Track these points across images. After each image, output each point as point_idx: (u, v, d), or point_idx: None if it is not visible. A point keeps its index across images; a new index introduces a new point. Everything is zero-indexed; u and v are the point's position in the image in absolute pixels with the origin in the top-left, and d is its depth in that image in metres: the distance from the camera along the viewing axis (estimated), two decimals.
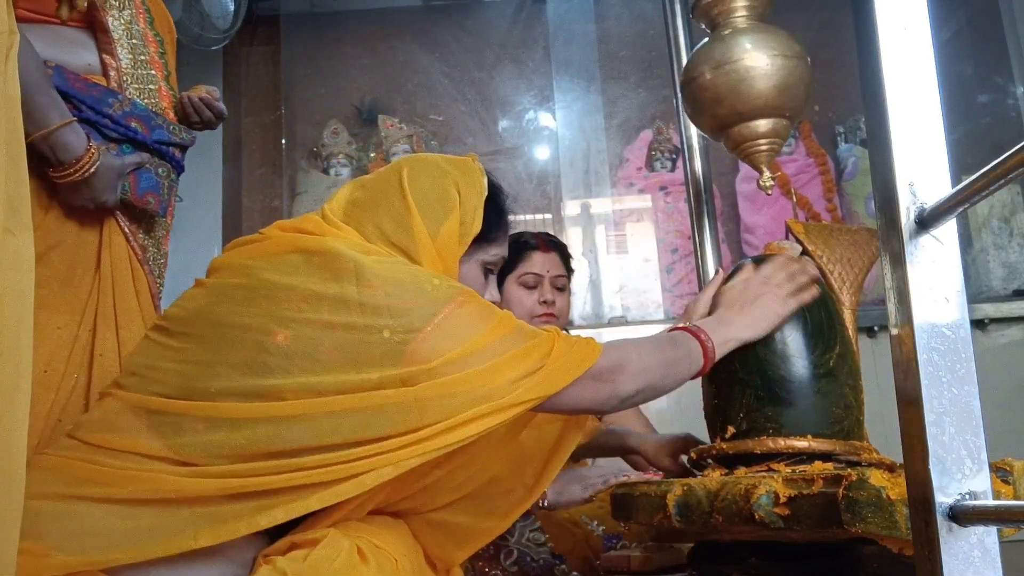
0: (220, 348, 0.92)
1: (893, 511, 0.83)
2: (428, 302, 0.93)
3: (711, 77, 1.45)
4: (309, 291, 0.92)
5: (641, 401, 1.07)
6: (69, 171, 1.31)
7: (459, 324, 0.93)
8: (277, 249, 0.99)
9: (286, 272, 0.95)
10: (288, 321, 0.91)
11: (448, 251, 1.06)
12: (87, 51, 1.45)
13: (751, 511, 0.95)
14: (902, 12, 0.65)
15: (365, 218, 1.04)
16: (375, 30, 3.77)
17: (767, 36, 1.43)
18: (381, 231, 1.03)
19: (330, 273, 0.93)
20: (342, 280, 0.92)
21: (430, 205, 1.05)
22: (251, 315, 0.92)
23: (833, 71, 3.23)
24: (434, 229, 1.04)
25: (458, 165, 1.11)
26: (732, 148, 1.51)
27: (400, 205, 1.04)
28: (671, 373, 1.05)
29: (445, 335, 0.91)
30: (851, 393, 1.16)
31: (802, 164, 3.44)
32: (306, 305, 0.91)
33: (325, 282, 0.92)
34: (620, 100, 3.66)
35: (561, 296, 1.99)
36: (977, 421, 0.60)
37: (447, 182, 1.07)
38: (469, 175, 1.10)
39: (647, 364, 1.03)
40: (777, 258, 1.23)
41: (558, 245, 2.05)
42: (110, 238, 1.42)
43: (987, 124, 3.56)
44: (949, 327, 0.61)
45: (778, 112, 1.44)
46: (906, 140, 0.64)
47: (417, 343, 0.90)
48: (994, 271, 3.29)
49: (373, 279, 0.92)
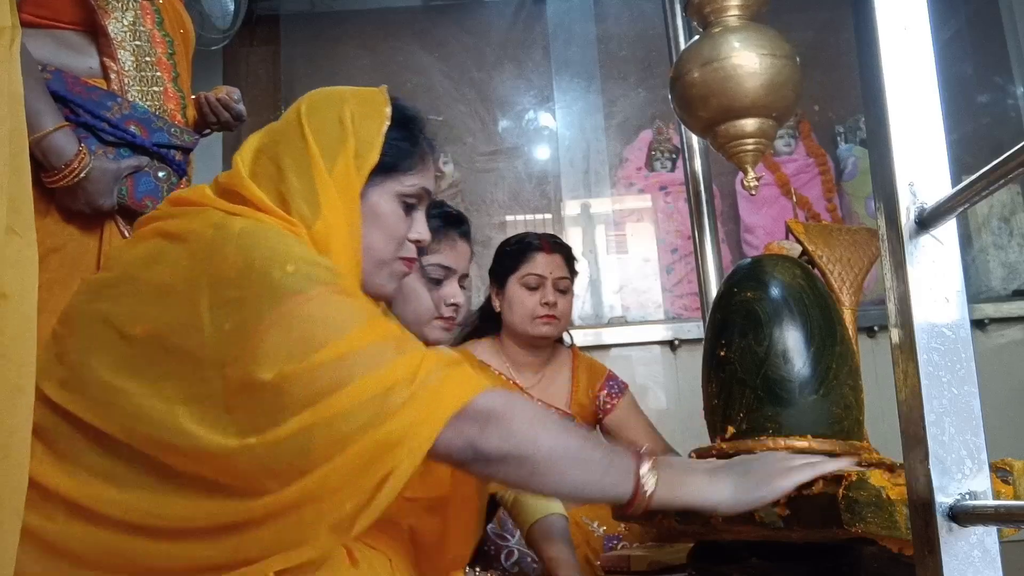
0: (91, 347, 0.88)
1: (893, 511, 0.83)
2: (269, 291, 0.83)
3: (699, 74, 1.45)
4: (164, 283, 0.87)
5: (505, 477, 0.87)
6: (59, 176, 1.32)
7: (305, 322, 0.82)
8: (143, 233, 0.95)
9: (145, 264, 0.90)
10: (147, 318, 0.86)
11: (346, 185, 0.98)
12: (88, 55, 1.45)
13: (751, 511, 0.95)
14: (902, 12, 0.65)
15: (271, 164, 0.98)
16: (375, 30, 3.76)
17: (756, 35, 1.44)
18: (285, 180, 0.96)
19: (185, 260, 0.87)
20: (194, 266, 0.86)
21: (327, 138, 0.99)
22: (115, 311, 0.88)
23: (833, 71, 3.23)
24: (330, 164, 0.97)
25: (358, 94, 1.05)
26: (718, 147, 1.51)
27: (299, 143, 0.98)
28: (568, 469, 0.86)
29: (285, 335, 0.81)
30: (851, 393, 1.16)
31: (802, 164, 3.43)
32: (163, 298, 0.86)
33: (176, 271, 0.87)
34: (620, 100, 3.66)
35: (563, 298, 1.98)
36: (977, 421, 0.60)
37: (343, 112, 1.01)
38: (367, 104, 1.03)
39: (536, 434, 0.85)
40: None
41: (562, 247, 2.05)
42: (110, 242, 1.42)
43: (987, 124, 3.56)
44: (949, 327, 0.61)
45: (765, 112, 1.44)
46: (906, 140, 0.64)
47: (254, 340, 0.81)
48: (994, 271, 3.29)
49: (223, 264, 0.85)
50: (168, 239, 0.91)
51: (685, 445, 1.43)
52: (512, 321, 1.97)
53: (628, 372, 3.03)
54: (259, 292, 0.83)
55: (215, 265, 0.86)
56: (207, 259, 0.87)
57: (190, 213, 0.94)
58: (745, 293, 1.20)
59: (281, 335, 0.81)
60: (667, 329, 3.10)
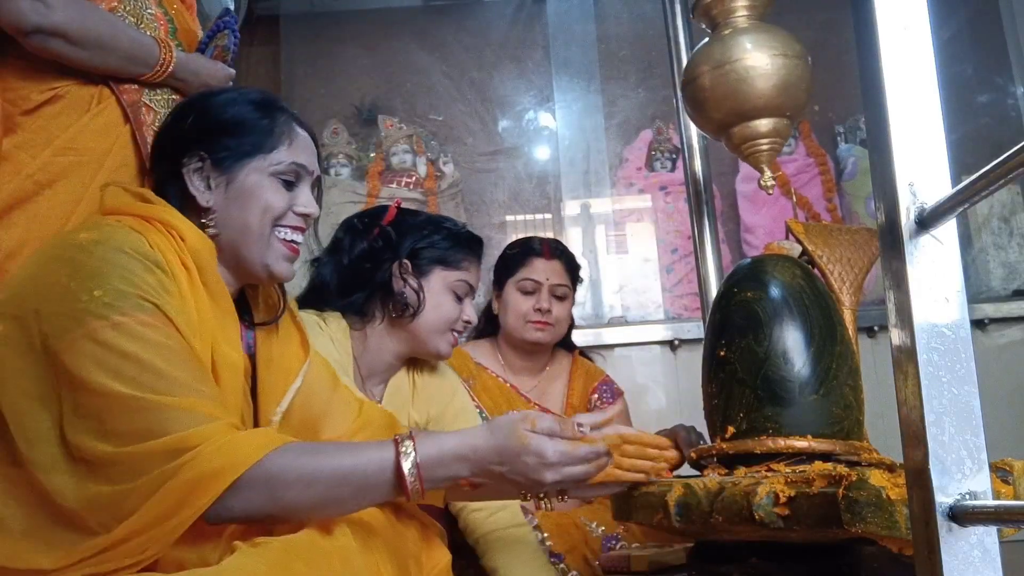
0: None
1: (893, 511, 0.83)
2: (78, 308, 0.88)
3: (711, 77, 1.45)
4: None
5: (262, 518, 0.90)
6: (158, 70, 1.40)
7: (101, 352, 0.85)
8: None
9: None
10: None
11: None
12: None
13: (751, 511, 0.95)
14: (902, 12, 0.65)
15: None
16: (375, 30, 3.76)
17: (767, 36, 1.43)
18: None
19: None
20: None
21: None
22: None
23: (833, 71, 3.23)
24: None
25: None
26: (733, 148, 1.51)
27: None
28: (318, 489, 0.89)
29: (85, 359, 0.86)
30: (851, 393, 1.16)
31: (802, 164, 3.43)
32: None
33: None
34: (620, 100, 3.65)
35: (561, 305, 1.96)
36: (977, 421, 0.60)
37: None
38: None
39: (286, 493, 0.88)
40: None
41: (564, 254, 2.03)
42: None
43: (987, 124, 3.56)
44: (949, 327, 0.61)
45: (779, 112, 1.44)
46: (906, 140, 0.64)
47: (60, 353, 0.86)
48: (994, 271, 3.29)
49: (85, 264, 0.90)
50: None
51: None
52: (507, 324, 1.97)
53: (628, 372, 3.04)
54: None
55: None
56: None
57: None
58: (745, 293, 1.20)
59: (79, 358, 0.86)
60: (667, 329, 3.09)
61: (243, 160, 1.05)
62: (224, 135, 1.06)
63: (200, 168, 1.05)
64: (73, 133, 1.34)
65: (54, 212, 1.30)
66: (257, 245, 1.05)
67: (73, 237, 0.94)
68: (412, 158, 3.50)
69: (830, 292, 1.28)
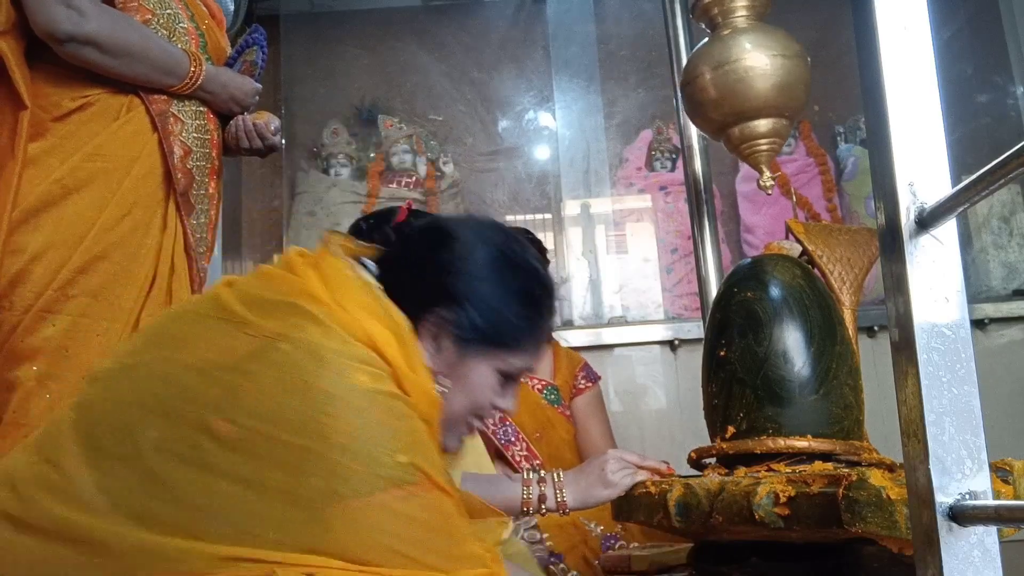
0: None
1: (893, 511, 0.83)
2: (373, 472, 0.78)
3: (711, 77, 1.45)
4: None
5: None
6: (187, 82, 1.44)
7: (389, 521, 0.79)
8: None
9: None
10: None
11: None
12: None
13: (751, 511, 0.95)
14: (902, 12, 0.65)
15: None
16: (375, 30, 3.76)
17: (767, 36, 1.44)
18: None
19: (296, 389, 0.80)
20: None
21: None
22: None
23: (833, 71, 3.23)
24: None
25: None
26: (732, 148, 1.51)
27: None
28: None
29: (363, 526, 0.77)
30: (851, 393, 1.16)
31: (802, 164, 3.43)
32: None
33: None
34: (620, 100, 3.66)
35: None
36: (977, 421, 0.60)
37: None
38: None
39: None
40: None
41: None
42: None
43: (987, 124, 3.56)
44: (949, 327, 0.61)
45: (778, 112, 1.44)
46: (906, 140, 0.63)
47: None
48: (994, 271, 3.29)
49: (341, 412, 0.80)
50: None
51: (685, 445, 1.42)
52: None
53: (628, 372, 3.04)
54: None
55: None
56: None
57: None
58: (745, 293, 1.20)
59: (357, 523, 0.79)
60: (667, 329, 3.10)
61: (486, 348, 0.97)
62: (487, 315, 0.96)
63: (439, 328, 0.95)
64: (102, 140, 1.35)
65: (80, 217, 1.31)
66: (446, 424, 0.97)
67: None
68: (412, 158, 3.50)
69: (830, 292, 1.28)
